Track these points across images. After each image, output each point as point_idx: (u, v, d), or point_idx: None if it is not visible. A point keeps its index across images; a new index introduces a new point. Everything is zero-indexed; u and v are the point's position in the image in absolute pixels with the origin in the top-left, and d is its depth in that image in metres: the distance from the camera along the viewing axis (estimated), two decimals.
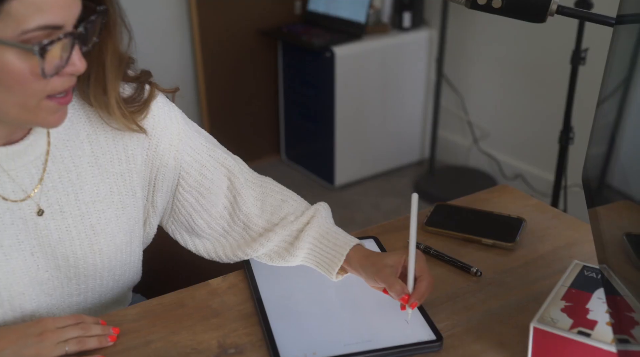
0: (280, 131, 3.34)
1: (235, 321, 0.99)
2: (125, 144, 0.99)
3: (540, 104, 2.82)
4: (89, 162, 0.97)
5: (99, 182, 0.97)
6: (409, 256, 0.94)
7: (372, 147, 3.15)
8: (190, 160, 1.04)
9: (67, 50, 0.80)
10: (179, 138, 1.03)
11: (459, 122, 3.22)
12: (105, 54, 0.89)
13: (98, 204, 0.98)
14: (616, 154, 1.11)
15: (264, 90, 3.26)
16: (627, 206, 0.99)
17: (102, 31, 0.86)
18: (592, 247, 1.16)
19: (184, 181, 1.05)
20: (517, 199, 1.32)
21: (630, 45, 1.05)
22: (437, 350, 0.93)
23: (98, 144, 0.97)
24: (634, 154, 1.07)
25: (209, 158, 1.06)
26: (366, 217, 2.86)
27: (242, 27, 3.08)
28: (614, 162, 1.11)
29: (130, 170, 1.00)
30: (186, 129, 1.04)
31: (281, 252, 1.07)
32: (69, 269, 0.97)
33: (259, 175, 1.12)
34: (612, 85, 1.10)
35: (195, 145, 1.05)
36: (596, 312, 0.90)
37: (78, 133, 0.96)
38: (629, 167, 1.07)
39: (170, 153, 1.02)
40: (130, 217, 1.02)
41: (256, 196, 1.09)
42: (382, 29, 3.06)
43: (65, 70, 0.81)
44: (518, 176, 2.97)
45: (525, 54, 2.81)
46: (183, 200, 1.06)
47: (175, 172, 1.04)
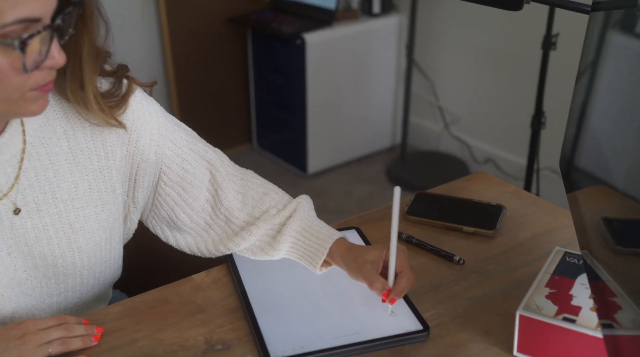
0: (251, 120, 3.32)
1: (221, 316, 0.98)
2: (104, 139, 0.97)
3: (511, 89, 2.84)
4: (66, 159, 0.95)
5: (77, 180, 0.96)
6: (390, 251, 0.93)
7: (344, 134, 3.15)
8: (171, 155, 1.03)
9: (46, 44, 0.78)
10: (159, 133, 1.01)
11: (429, 108, 3.23)
12: (82, 46, 0.87)
13: (76, 202, 0.96)
14: (586, 137, 1.13)
15: (235, 78, 3.23)
16: (602, 190, 1.01)
17: (78, 22, 0.84)
18: (571, 232, 1.17)
19: (166, 176, 1.03)
20: (495, 186, 1.33)
21: (598, 30, 1.07)
22: (424, 340, 0.94)
23: (76, 141, 0.95)
24: (600, 138, 1.09)
25: (190, 152, 1.04)
26: (339, 204, 2.87)
27: (210, 15, 3.04)
28: (587, 146, 1.12)
29: (109, 166, 0.98)
30: (166, 123, 1.03)
31: (264, 246, 1.07)
32: (48, 268, 0.96)
33: (240, 168, 1.11)
34: (587, 70, 1.11)
35: (175, 140, 1.04)
36: (580, 298, 0.92)
37: (55, 129, 0.94)
38: (598, 151, 1.09)
39: (151, 148, 1.01)
40: (110, 214, 1.00)
41: (237, 189, 1.08)
42: (352, 15, 3.05)
43: (45, 64, 0.80)
44: (489, 160, 3.00)
45: (495, 39, 2.83)
46: (165, 195, 1.05)
47: (156, 167, 1.02)
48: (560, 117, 2.39)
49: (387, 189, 3.00)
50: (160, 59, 3.04)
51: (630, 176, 1.00)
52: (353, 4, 3.11)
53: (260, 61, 3.14)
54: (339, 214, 2.74)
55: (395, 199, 0.90)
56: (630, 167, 1.00)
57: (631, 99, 0.97)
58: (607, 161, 1.02)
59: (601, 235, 0.92)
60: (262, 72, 3.16)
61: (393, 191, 0.91)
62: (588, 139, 1.10)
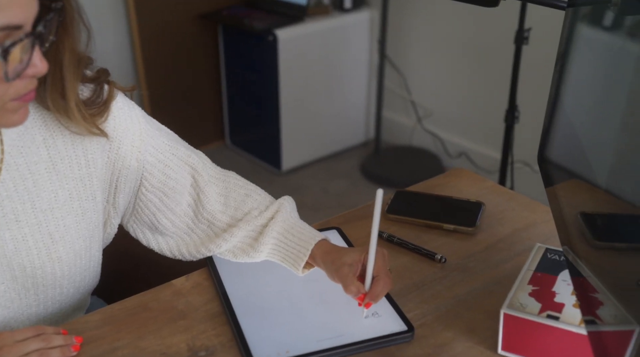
0: (224, 117, 3.29)
1: (203, 322, 0.97)
2: (85, 147, 0.95)
3: (484, 83, 2.86)
4: (46, 168, 0.92)
5: (58, 189, 0.93)
6: (369, 255, 0.92)
7: (318, 130, 3.14)
8: (153, 161, 1.01)
9: (28, 52, 0.76)
10: (141, 139, 0.99)
11: (402, 102, 3.24)
12: (63, 53, 0.84)
13: (56, 211, 0.93)
14: (560, 131, 1.14)
15: (206, 75, 3.19)
16: (578, 184, 1.02)
17: (59, 29, 0.82)
18: (550, 228, 1.18)
19: (147, 182, 1.02)
20: (473, 182, 1.33)
21: (574, 26, 1.07)
22: (409, 340, 0.93)
23: (56, 149, 0.93)
24: (572, 132, 1.10)
25: (172, 157, 1.03)
26: (315, 200, 2.86)
27: (180, 11, 3.00)
28: (560, 140, 1.13)
29: (90, 174, 0.96)
30: (147, 128, 1.01)
31: (245, 248, 1.05)
32: (27, 279, 0.93)
33: (222, 170, 1.10)
34: (562, 65, 1.11)
35: (157, 145, 1.02)
36: (562, 295, 0.92)
37: (33, 138, 0.91)
38: (571, 145, 1.10)
39: (132, 155, 0.99)
40: (90, 222, 0.98)
41: (219, 191, 1.06)
42: (323, 10, 3.03)
43: (27, 73, 0.77)
44: (462, 154, 3.01)
45: (468, 33, 2.84)
46: (146, 200, 1.03)
47: (137, 173, 1.01)
48: (533, 111, 2.41)
49: (363, 184, 3.00)
50: (130, 57, 3.00)
51: (602, 170, 1.01)
52: (324, 0, 3.09)
53: (232, 58, 3.11)
54: (316, 210, 2.73)
55: (377, 202, 0.88)
56: (601, 161, 1.01)
57: (602, 93, 0.97)
58: (579, 155, 1.03)
59: (580, 230, 0.92)
60: (234, 69, 3.13)
61: (376, 193, 0.88)
62: (561, 132, 1.11)
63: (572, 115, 1.06)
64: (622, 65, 0.92)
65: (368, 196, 2.94)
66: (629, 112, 0.83)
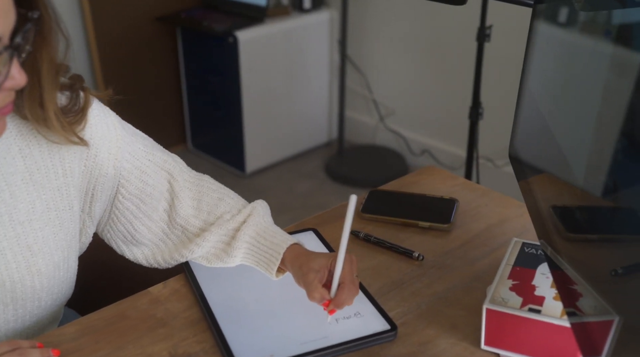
0: (185, 120, 3.25)
1: (183, 329, 0.95)
2: (62, 156, 0.93)
3: (445, 81, 2.89)
4: (22, 178, 0.89)
5: (35, 199, 0.90)
6: (337, 261, 0.90)
7: (281, 131, 3.13)
8: (130, 168, 0.99)
9: (6, 65, 0.73)
10: (118, 146, 0.97)
11: (364, 102, 3.25)
12: (41, 63, 0.81)
13: (34, 223, 0.91)
14: (525, 126, 1.15)
15: (166, 79, 3.15)
16: (547, 178, 1.03)
17: (37, 39, 0.79)
18: (523, 222, 1.20)
19: (124, 189, 1.00)
20: (445, 180, 1.34)
21: (540, 22, 1.09)
22: (392, 339, 0.93)
23: (32, 159, 0.90)
24: (536, 126, 1.11)
25: (149, 163, 1.01)
26: (281, 202, 2.85)
27: (138, 14, 2.96)
28: (527, 135, 1.15)
29: (67, 183, 0.94)
30: (124, 135, 0.99)
31: (218, 253, 1.04)
32: (6, 294, 0.90)
33: (197, 174, 1.09)
34: (528, 61, 1.13)
35: (134, 151, 1.00)
36: (542, 288, 0.93)
37: (9, 148, 0.88)
38: (536, 139, 1.12)
39: (109, 162, 0.97)
40: (68, 232, 0.96)
41: (192, 196, 1.05)
42: (283, 11, 3.03)
43: (5, 86, 0.74)
44: (425, 152, 3.04)
45: (429, 31, 2.86)
46: (123, 208, 1.01)
47: (114, 181, 0.99)
48: (495, 107, 2.45)
49: (327, 184, 3.00)
50: (86, 62, 2.94)
51: (563, 163, 1.02)
52: (283, 0, 3.08)
53: (192, 60, 3.08)
54: (282, 212, 2.72)
55: (350, 207, 0.84)
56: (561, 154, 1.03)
57: (567, 87, 0.99)
58: (547, 149, 1.05)
59: (553, 223, 0.93)
60: (194, 72, 3.10)
61: (349, 198, 0.85)
62: (529, 126, 1.12)
63: (539, 110, 1.08)
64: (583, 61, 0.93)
65: (333, 195, 2.95)
66: (592, 107, 0.85)
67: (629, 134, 0.72)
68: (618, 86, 0.75)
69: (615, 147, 0.75)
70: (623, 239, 0.76)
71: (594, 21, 0.92)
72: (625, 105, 0.72)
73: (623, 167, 0.74)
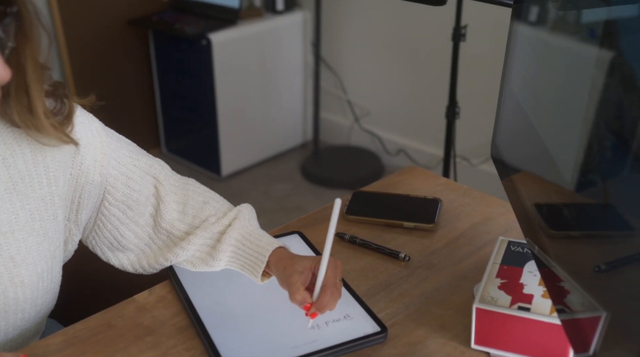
0: (158, 124, 3.22)
1: (172, 337, 0.94)
2: (46, 165, 0.91)
3: (419, 81, 2.90)
4: (6, 188, 0.87)
5: (18, 209, 0.88)
6: (321, 264, 0.88)
7: (256, 134, 3.12)
8: (116, 174, 0.98)
9: None
10: (103, 152, 0.96)
11: (338, 103, 3.25)
12: (25, 60, 0.79)
13: (17, 233, 0.89)
14: (504, 125, 1.16)
15: (138, 82, 3.12)
16: (528, 176, 1.04)
17: (18, 35, 0.77)
18: (506, 220, 1.21)
19: (110, 196, 0.98)
20: (427, 179, 1.35)
21: (519, 22, 1.10)
22: (383, 341, 0.93)
23: (16, 168, 0.88)
24: (513, 125, 1.12)
25: (135, 169, 1.00)
26: (257, 205, 2.81)
27: (108, 18, 2.93)
28: (506, 133, 1.15)
29: (52, 193, 0.92)
30: (108, 141, 0.98)
31: (204, 256, 1.03)
32: None
33: (182, 178, 1.07)
34: (509, 61, 1.14)
35: (119, 157, 0.99)
36: (530, 286, 0.94)
37: None
38: (514, 138, 1.13)
39: (95, 169, 0.95)
40: (52, 242, 0.94)
41: (178, 200, 1.04)
42: (256, 13, 3.01)
43: None
44: (400, 151, 3.05)
45: (403, 31, 2.87)
46: (109, 215, 0.99)
47: (100, 188, 0.97)
48: (470, 106, 2.46)
49: (304, 186, 2.99)
50: (57, 67, 2.89)
51: (545, 161, 1.03)
52: (256, 2, 3.07)
53: (165, 63, 3.05)
54: (259, 215, 2.67)
55: (335, 211, 0.83)
56: (544, 152, 1.03)
57: (545, 86, 1.00)
58: (526, 147, 1.06)
59: (537, 221, 0.94)
60: (167, 75, 3.07)
61: (334, 202, 0.84)
62: (509, 126, 1.13)
63: (521, 109, 1.08)
64: (563, 59, 0.94)
65: (310, 197, 2.95)
66: (575, 105, 0.85)
67: (610, 131, 0.73)
68: (598, 83, 0.76)
69: (596, 144, 0.76)
70: (604, 235, 0.77)
71: (569, 20, 0.93)
72: (607, 103, 0.73)
73: (604, 164, 0.74)
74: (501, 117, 1.15)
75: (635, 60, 0.67)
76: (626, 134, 0.67)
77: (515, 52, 1.09)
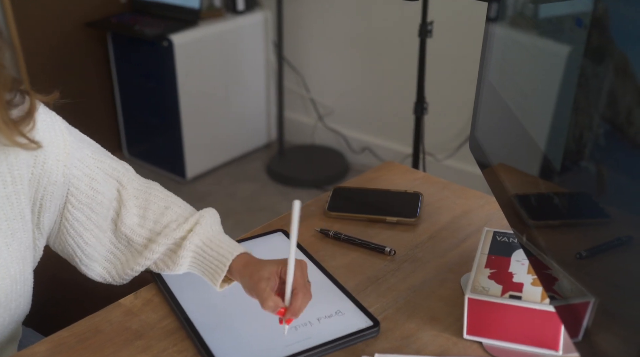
0: (119, 127, 3.17)
1: (162, 340, 0.93)
2: (9, 164, 0.88)
3: (382, 77, 2.91)
4: None
5: None
6: (288, 267, 0.86)
7: (220, 135, 3.09)
8: (79, 175, 0.96)
9: None
10: (66, 151, 0.94)
11: (302, 102, 3.25)
12: None
13: None
14: (478, 118, 1.18)
15: (98, 86, 3.07)
16: (506, 168, 1.05)
17: None
18: (486, 212, 1.22)
19: (74, 198, 0.96)
20: (405, 174, 1.35)
21: (495, 19, 1.11)
22: (375, 335, 0.93)
23: None
24: (490, 119, 1.14)
25: (98, 170, 0.98)
26: (224, 206, 2.81)
27: (65, 21, 2.87)
28: (480, 127, 1.17)
29: (17, 191, 0.89)
30: (72, 140, 0.95)
31: (166, 260, 1.01)
32: None
33: (145, 181, 1.06)
34: (485, 57, 1.15)
35: (83, 158, 0.97)
36: (519, 274, 0.95)
37: None
38: (487, 131, 1.14)
39: (58, 169, 0.93)
40: (21, 243, 0.92)
41: (139, 204, 1.02)
42: (216, 13, 2.99)
43: None
44: (365, 149, 3.06)
45: (366, 29, 2.88)
46: (72, 219, 0.97)
47: (63, 189, 0.95)
48: (435, 102, 2.48)
49: (270, 186, 2.98)
50: (12, 72, 2.82)
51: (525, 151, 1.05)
52: (216, 3, 3.05)
53: (124, 66, 3.00)
54: (226, 217, 2.66)
55: (295, 213, 0.83)
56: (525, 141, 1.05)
57: (524, 77, 1.01)
58: (506, 138, 1.07)
59: (518, 211, 0.95)
60: (127, 77, 3.02)
61: (293, 204, 0.82)
62: (488, 118, 1.15)
63: (502, 100, 1.10)
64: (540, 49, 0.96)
65: (276, 197, 2.94)
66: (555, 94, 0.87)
67: (590, 121, 0.74)
68: (578, 72, 0.77)
69: (578, 133, 0.77)
70: (583, 223, 0.78)
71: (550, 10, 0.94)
72: (588, 92, 0.74)
73: (583, 153, 0.76)
74: (480, 110, 1.16)
75: (622, 46, 0.68)
76: (606, 124, 0.68)
77: (493, 43, 1.10)
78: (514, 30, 1.07)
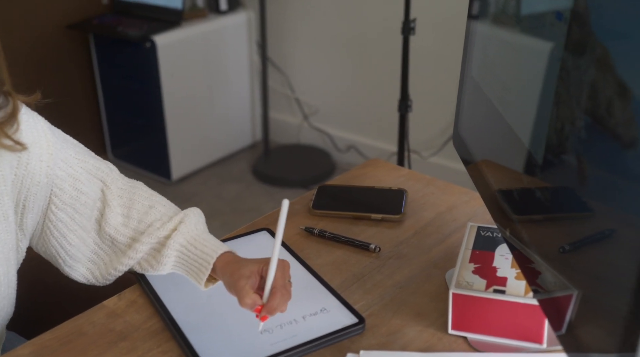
0: (103, 129, 3.15)
1: (146, 341, 0.92)
2: None
3: (367, 76, 2.91)
4: None
5: None
6: (270, 266, 0.87)
7: (205, 136, 3.08)
8: (63, 175, 0.95)
9: None
10: (49, 152, 0.93)
11: (287, 102, 3.24)
12: None
13: None
14: (461, 116, 1.18)
15: (80, 88, 3.04)
16: (488, 164, 1.06)
17: None
18: (470, 208, 1.22)
19: (57, 198, 0.95)
20: (389, 171, 1.35)
21: (477, 16, 1.11)
22: (361, 332, 0.93)
23: None
24: (473, 115, 1.14)
25: (82, 171, 0.97)
26: (210, 207, 2.80)
27: (46, 23, 2.84)
28: (463, 124, 1.17)
29: (1, 193, 0.88)
30: (55, 141, 0.95)
31: (150, 260, 1.00)
32: None
33: (130, 181, 1.05)
34: (467, 54, 1.15)
35: (66, 158, 0.96)
36: (503, 269, 0.95)
37: None
38: (470, 128, 1.14)
39: (41, 170, 0.92)
40: (5, 244, 0.91)
41: (123, 203, 1.01)
42: (199, 14, 2.98)
43: None
44: (351, 148, 3.06)
45: (349, 28, 2.88)
46: (56, 220, 0.96)
47: (47, 190, 0.94)
48: (418, 100, 2.49)
49: (256, 186, 2.97)
50: None
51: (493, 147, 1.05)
52: (199, 3, 3.04)
53: (107, 68, 2.98)
54: (212, 217, 2.67)
55: (283, 212, 0.83)
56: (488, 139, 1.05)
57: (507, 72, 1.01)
58: (489, 134, 1.07)
59: (501, 206, 0.96)
60: (110, 79, 3.00)
61: (281, 203, 0.84)
62: (468, 114, 1.15)
63: (485, 96, 1.10)
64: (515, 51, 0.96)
65: (262, 197, 2.93)
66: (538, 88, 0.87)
67: (571, 115, 0.74)
68: (553, 68, 0.78)
69: (560, 127, 0.77)
70: (566, 217, 0.79)
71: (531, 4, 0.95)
72: (569, 86, 0.74)
73: (562, 146, 0.76)
74: (462, 106, 1.16)
75: (602, 39, 0.68)
76: (587, 116, 0.69)
77: (475, 40, 1.10)
78: (495, 26, 1.07)
